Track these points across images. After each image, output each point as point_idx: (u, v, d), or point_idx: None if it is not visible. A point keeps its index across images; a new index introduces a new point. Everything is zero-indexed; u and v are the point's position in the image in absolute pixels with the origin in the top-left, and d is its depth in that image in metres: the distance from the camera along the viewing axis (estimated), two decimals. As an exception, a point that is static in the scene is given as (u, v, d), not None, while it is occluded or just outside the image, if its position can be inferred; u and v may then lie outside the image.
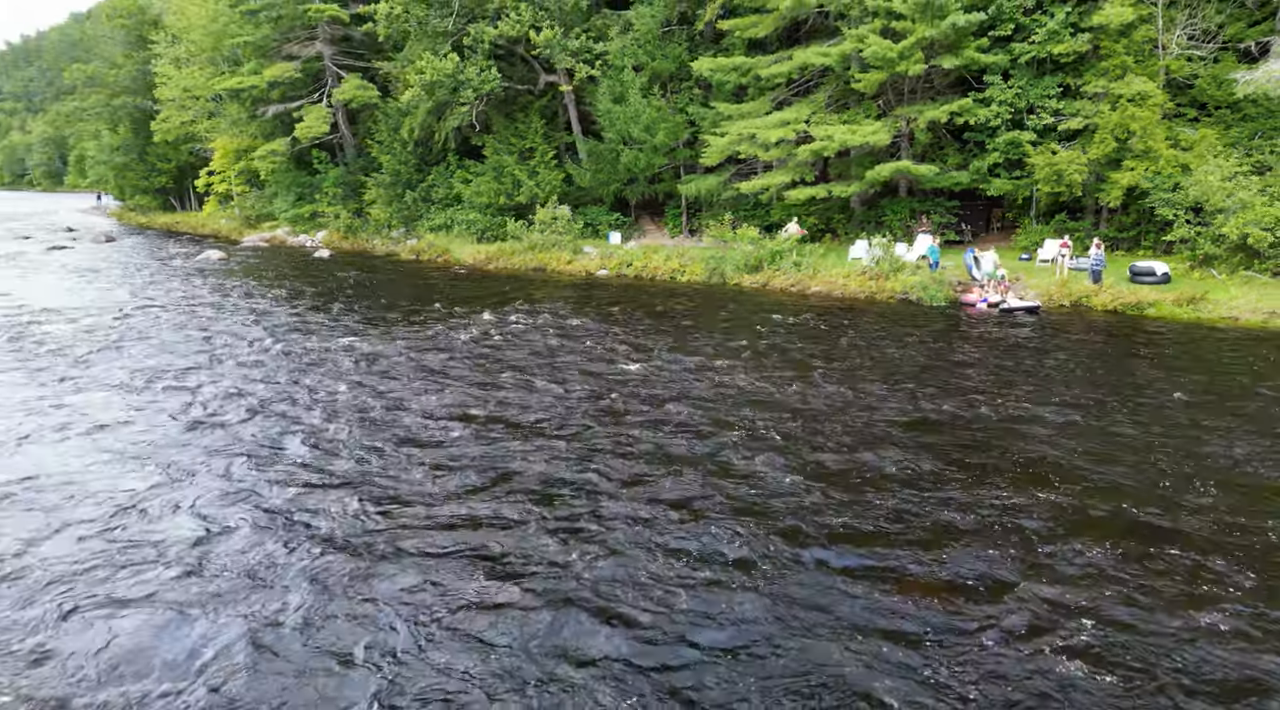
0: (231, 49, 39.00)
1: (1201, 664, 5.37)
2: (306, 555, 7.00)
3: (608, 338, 15.84)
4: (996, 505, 7.81)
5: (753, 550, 7.01)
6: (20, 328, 16.11)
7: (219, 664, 5.50)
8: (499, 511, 7.78)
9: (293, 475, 8.78)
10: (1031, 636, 5.69)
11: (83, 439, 9.79)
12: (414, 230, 33.84)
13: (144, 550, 7.10)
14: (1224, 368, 13.00)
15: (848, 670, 5.33)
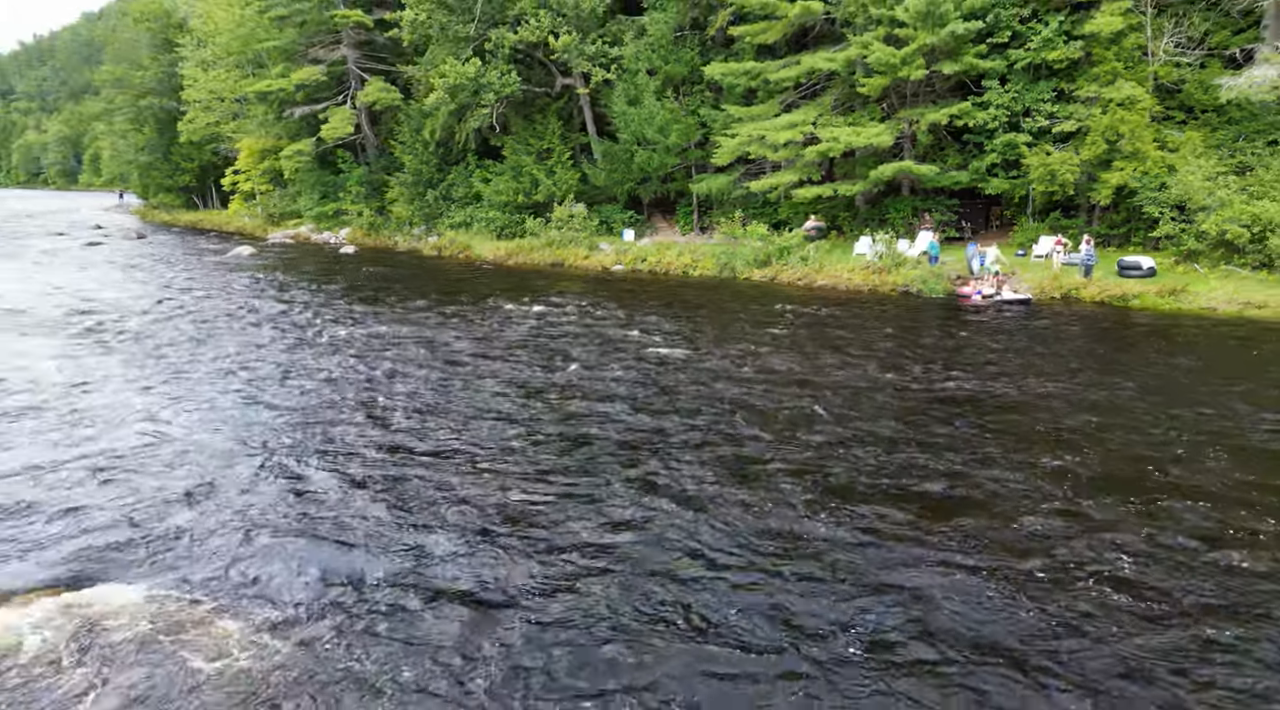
0: (256, 52, 40.46)
1: (1226, 591, 6.22)
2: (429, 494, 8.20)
3: (636, 325, 17.05)
4: (1031, 465, 8.75)
5: (830, 499, 7.91)
6: (94, 318, 17.38)
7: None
8: (590, 469, 8.73)
9: (406, 444, 10.01)
10: (1080, 566, 6.57)
11: (203, 413, 11.00)
12: (435, 227, 35.15)
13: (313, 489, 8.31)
14: (1203, 352, 14.17)
15: (928, 591, 6.25)
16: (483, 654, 5.52)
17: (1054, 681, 5.18)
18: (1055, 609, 5.98)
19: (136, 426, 10.21)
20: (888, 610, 6.01)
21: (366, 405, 11.29)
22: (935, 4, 21.68)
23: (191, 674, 5.24)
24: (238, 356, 14.23)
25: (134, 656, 5.44)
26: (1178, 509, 7.58)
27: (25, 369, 12.64)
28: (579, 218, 30.21)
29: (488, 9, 30.54)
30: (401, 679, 5.27)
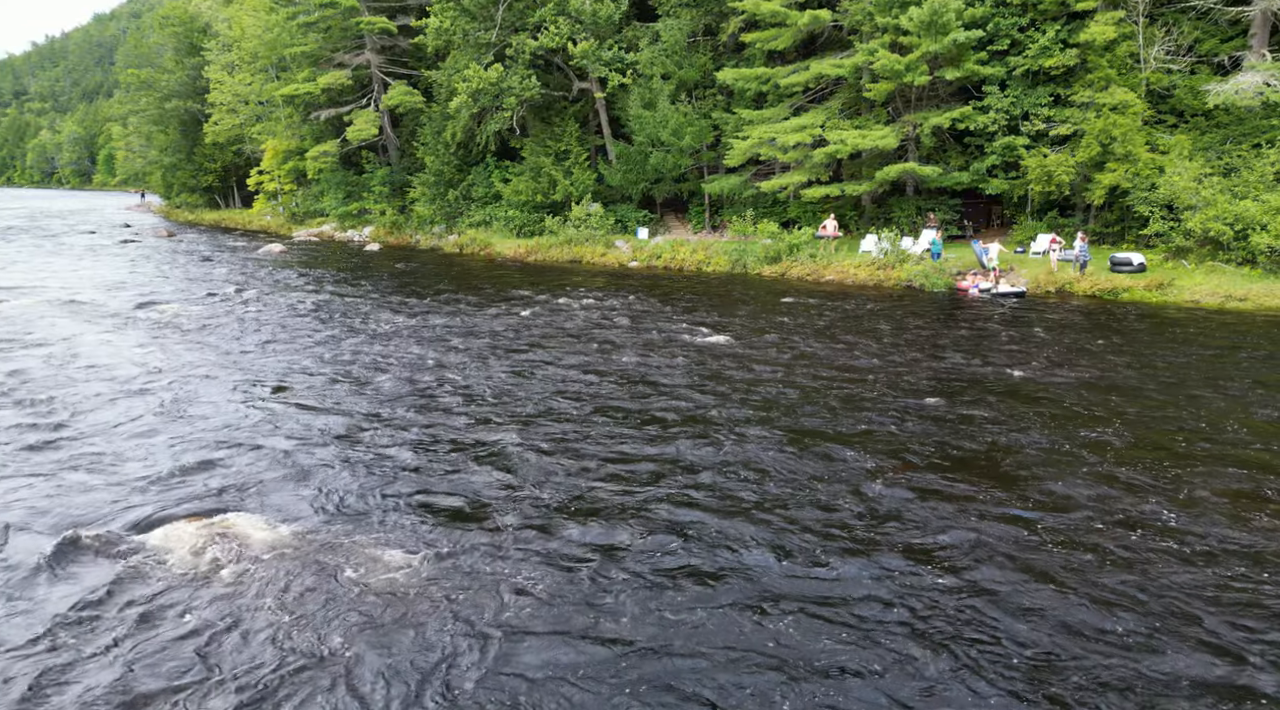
0: (280, 57, 41.87)
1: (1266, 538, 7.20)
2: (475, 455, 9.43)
3: (661, 316, 18.28)
4: (1065, 436, 9.71)
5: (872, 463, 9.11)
6: (158, 310, 18.62)
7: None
8: (664, 438, 9.78)
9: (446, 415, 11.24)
10: (1125, 515, 7.57)
11: (279, 396, 12.29)
12: (455, 226, 36.45)
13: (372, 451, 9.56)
14: (1191, 340, 15.34)
15: (986, 535, 7.23)
16: (602, 578, 6.65)
17: (1101, 605, 6.13)
18: (1103, 549, 6.95)
19: (238, 400, 11.51)
20: (955, 551, 6.97)
21: (440, 381, 12.46)
22: (938, 14, 22.87)
23: (304, 580, 6.47)
24: (307, 342, 15.50)
25: (259, 565, 6.68)
26: (1211, 470, 8.60)
27: (123, 358, 13.92)
28: (595, 217, 31.47)
29: (509, 16, 31.83)
30: (519, 591, 6.49)
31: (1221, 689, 5.19)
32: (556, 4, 31.02)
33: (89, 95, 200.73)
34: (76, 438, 9.78)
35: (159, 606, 6.14)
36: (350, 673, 5.37)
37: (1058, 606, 6.13)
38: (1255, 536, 7.17)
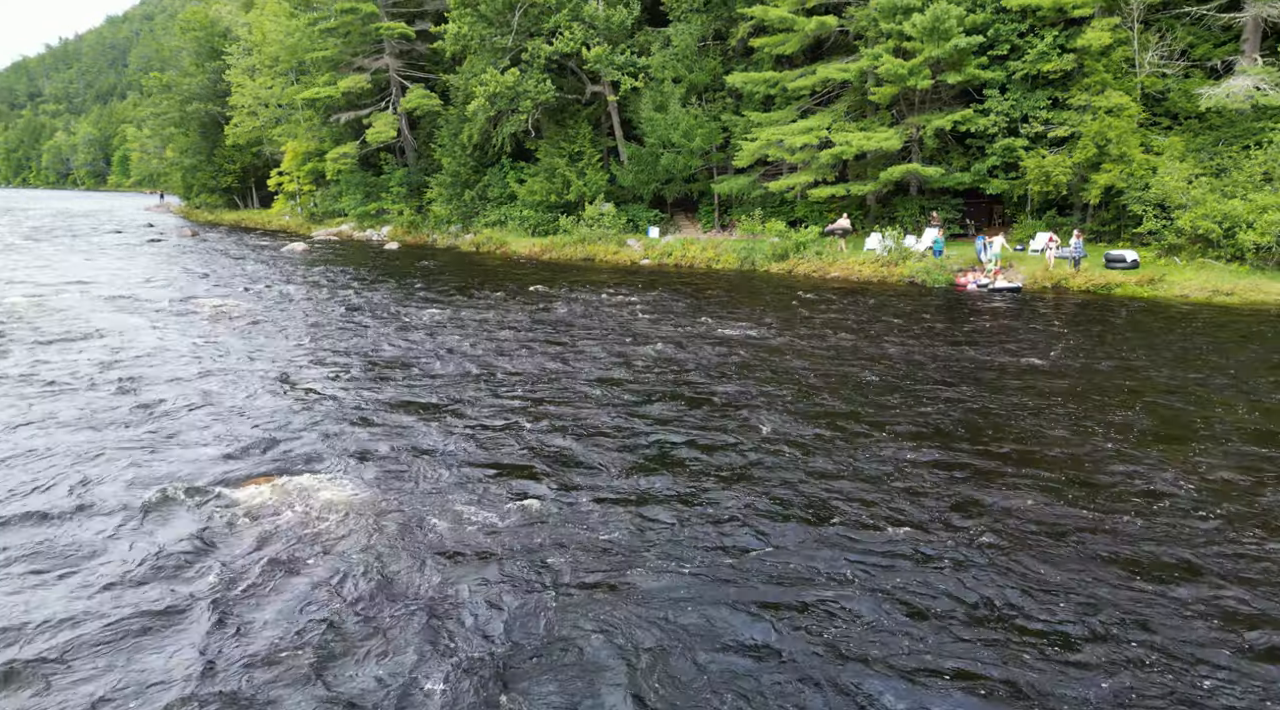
0: (299, 61, 43.04)
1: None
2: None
3: (678, 310, 19.27)
4: (1075, 415, 10.54)
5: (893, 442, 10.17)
6: (200, 304, 19.64)
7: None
8: (703, 420, 10.80)
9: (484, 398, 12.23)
10: (1144, 482, 8.54)
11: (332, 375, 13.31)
12: (471, 226, 37.50)
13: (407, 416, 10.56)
14: (1181, 331, 16.23)
15: (1018, 501, 8.01)
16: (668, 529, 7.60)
17: (1119, 558, 6.91)
18: (1123, 512, 7.72)
19: (294, 380, 12.55)
20: (985, 516, 7.72)
21: (478, 364, 13.45)
22: (939, 20, 23.77)
23: (360, 525, 7.45)
24: (349, 331, 16.54)
25: (321, 514, 7.67)
26: (1222, 444, 9.51)
27: (184, 346, 14.96)
28: (608, 216, 32.45)
29: (524, 22, 32.85)
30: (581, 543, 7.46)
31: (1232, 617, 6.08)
32: (571, 10, 32.02)
33: (103, 97, 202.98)
34: (160, 413, 10.82)
35: (239, 545, 7.13)
36: (405, 599, 6.36)
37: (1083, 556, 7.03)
38: (1225, 480, 8.12)
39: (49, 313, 18.09)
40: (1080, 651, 5.61)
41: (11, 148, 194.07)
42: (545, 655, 5.65)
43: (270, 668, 5.47)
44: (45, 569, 6.72)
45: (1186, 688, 5.22)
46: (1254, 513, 7.71)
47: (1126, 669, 5.42)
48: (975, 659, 5.56)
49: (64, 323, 16.95)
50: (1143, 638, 5.75)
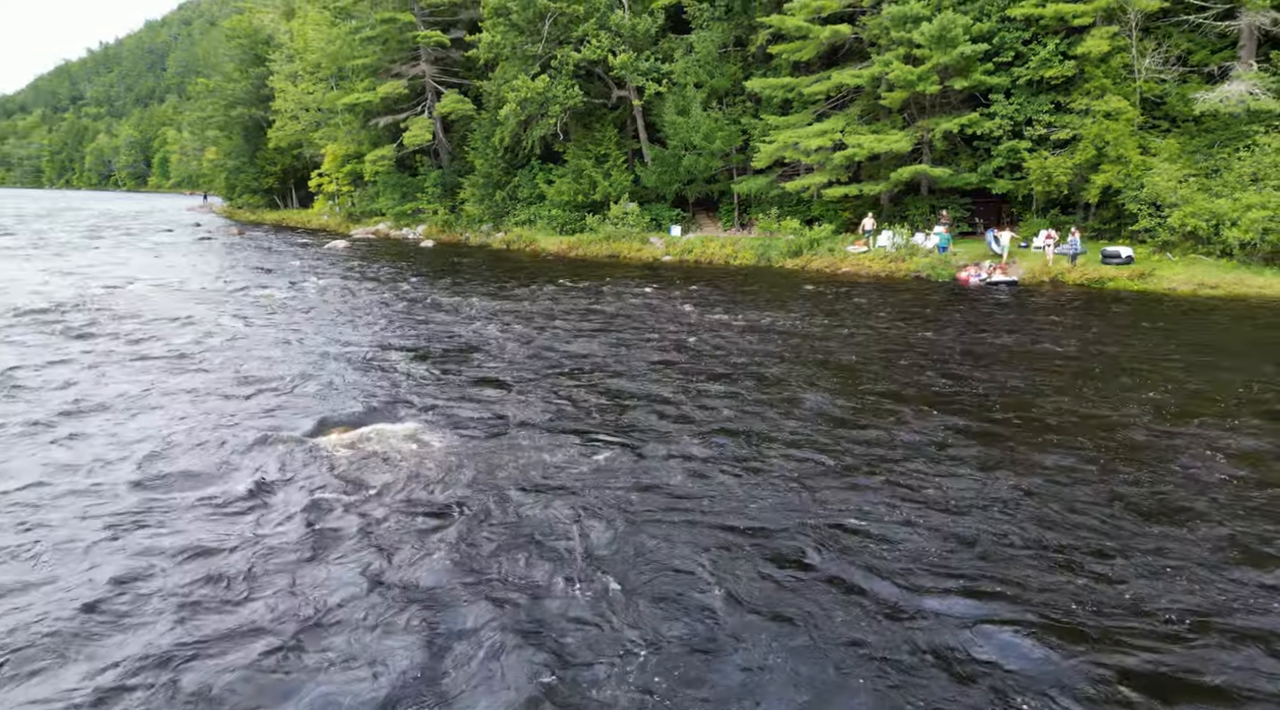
0: (339, 67, 45.26)
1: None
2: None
3: (696, 300, 20.88)
4: (1091, 392, 11.77)
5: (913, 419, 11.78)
6: (264, 295, 21.61)
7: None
8: (741, 395, 12.61)
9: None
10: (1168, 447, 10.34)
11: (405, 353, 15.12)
12: (502, 224, 39.37)
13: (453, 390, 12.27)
14: (1151, 318, 17.54)
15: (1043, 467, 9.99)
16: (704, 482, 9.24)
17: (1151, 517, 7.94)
18: (1151, 478, 8.77)
19: (361, 356, 14.35)
20: (1018, 487, 8.60)
21: (527, 344, 15.17)
22: (947, 29, 25.12)
23: (433, 469, 9.13)
24: (402, 317, 18.33)
25: (403, 460, 9.36)
26: (1244, 417, 10.89)
27: (257, 331, 16.83)
28: (632, 215, 34.12)
29: (554, 31, 34.61)
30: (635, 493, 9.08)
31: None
32: (598, 19, 33.73)
33: (143, 100, 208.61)
34: (259, 383, 12.59)
35: (328, 481, 8.83)
36: (475, 521, 8.03)
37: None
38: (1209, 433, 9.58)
39: (131, 302, 20.13)
40: (1104, 567, 6.83)
41: (56, 150, 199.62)
42: (643, 568, 6.83)
43: (409, 556, 7.10)
44: (216, 498, 8.36)
45: (1200, 596, 6.38)
46: (1238, 453, 9.18)
47: (1143, 579, 6.58)
48: (1007, 573, 6.73)
49: (148, 311, 18.93)
50: (1155, 558, 6.94)
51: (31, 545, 7.16)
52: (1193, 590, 6.39)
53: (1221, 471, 8.76)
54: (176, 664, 5.54)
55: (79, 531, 7.42)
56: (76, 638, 5.83)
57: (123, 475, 8.80)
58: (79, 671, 5.47)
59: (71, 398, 11.46)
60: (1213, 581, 6.52)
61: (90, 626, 5.97)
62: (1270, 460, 9.13)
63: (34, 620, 6.04)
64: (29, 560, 6.94)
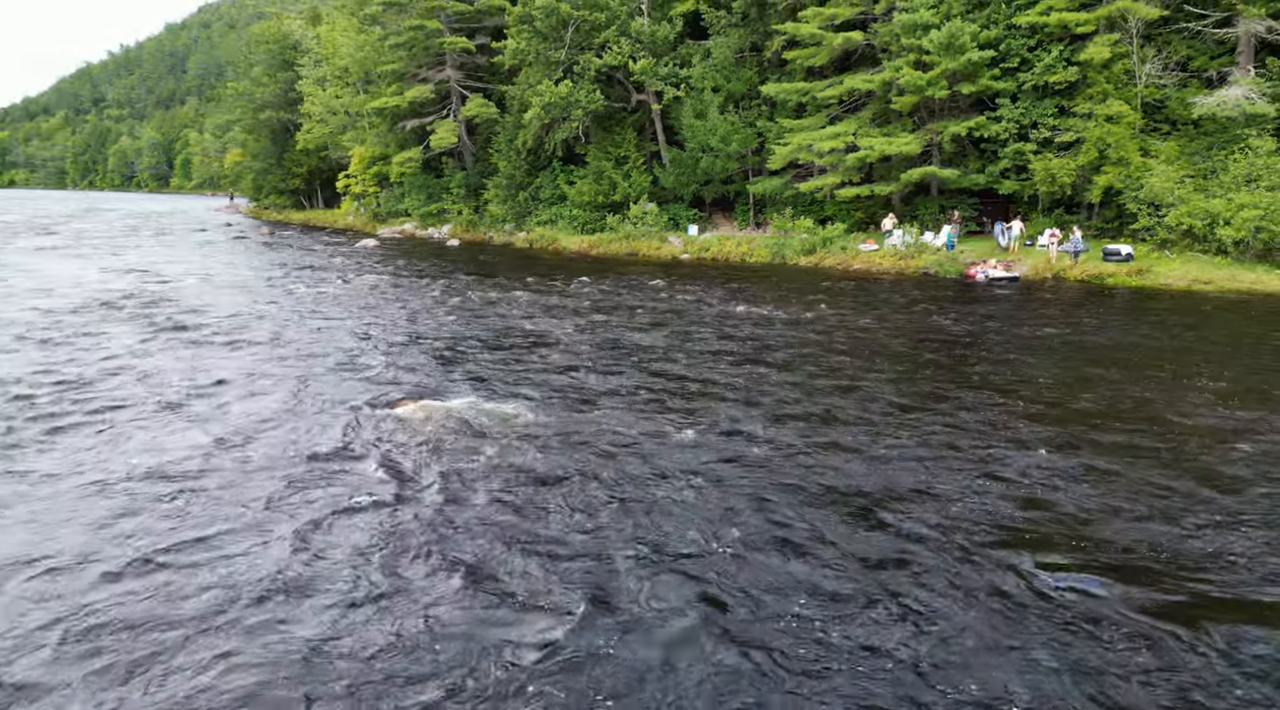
0: (366, 72, 46.82)
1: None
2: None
3: (714, 295, 22.14)
4: (1055, 373, 13.24)
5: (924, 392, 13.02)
6: (308, 288, 23.12)
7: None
8: (764, 378, 13.92)
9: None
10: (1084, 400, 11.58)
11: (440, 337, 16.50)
12: (524, 224, 40.77)
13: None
14: (1145, 311, 18.66)
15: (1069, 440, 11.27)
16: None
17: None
18: (1138, 431, 10.70)
19: (414, 337, 15.75)
20: (1051, 464, 9.59)
21: (569, 337, 16.54)
22: (955, 37, 26.28)
23: (492, 439, 10.42)
24: (441, 306, 19.72)
25: (463, 428, 10.68)
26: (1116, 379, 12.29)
27: (314, 317, 18.28)
28: (651, 215, 35.42)
29: (576, 38, 35.97)
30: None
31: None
32: (619, 27, 35.06)
33: (163, 102, 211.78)
34: (325, 360, 14.06)
35: (400, 445, 10.17)
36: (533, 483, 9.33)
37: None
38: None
39: (186, 296, 21.61)
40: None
41: (79, 151, 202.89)
42: (756, 524, 7.87)
43: (492, 515, 8.43)
44: (307, 456, 9.74)
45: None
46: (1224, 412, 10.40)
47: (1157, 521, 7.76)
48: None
49: (215, 303, 20.38)
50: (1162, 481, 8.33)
51: (213, 506, 8.20)
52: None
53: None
54: (390, 596, 6.44)
55: (257, 493, 8.49)
56: (296, 577, 6.73)
57: (265, 450, 9.88)
58: (322, 600, 6.38)
59: (187, 381, 12.71)
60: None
61: (301, 572, 6.80)
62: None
63: (256, 563, 6.99)
64: (217, 521, 7.90)
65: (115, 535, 7.46)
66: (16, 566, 6.88)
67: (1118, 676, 5.37)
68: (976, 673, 5.41)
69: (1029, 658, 5.58)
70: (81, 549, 7.18)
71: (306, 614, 6.17)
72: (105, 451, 9.67)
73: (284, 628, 6.00)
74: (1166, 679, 5.35)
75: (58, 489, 8.54)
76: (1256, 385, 12.29)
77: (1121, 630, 5.87)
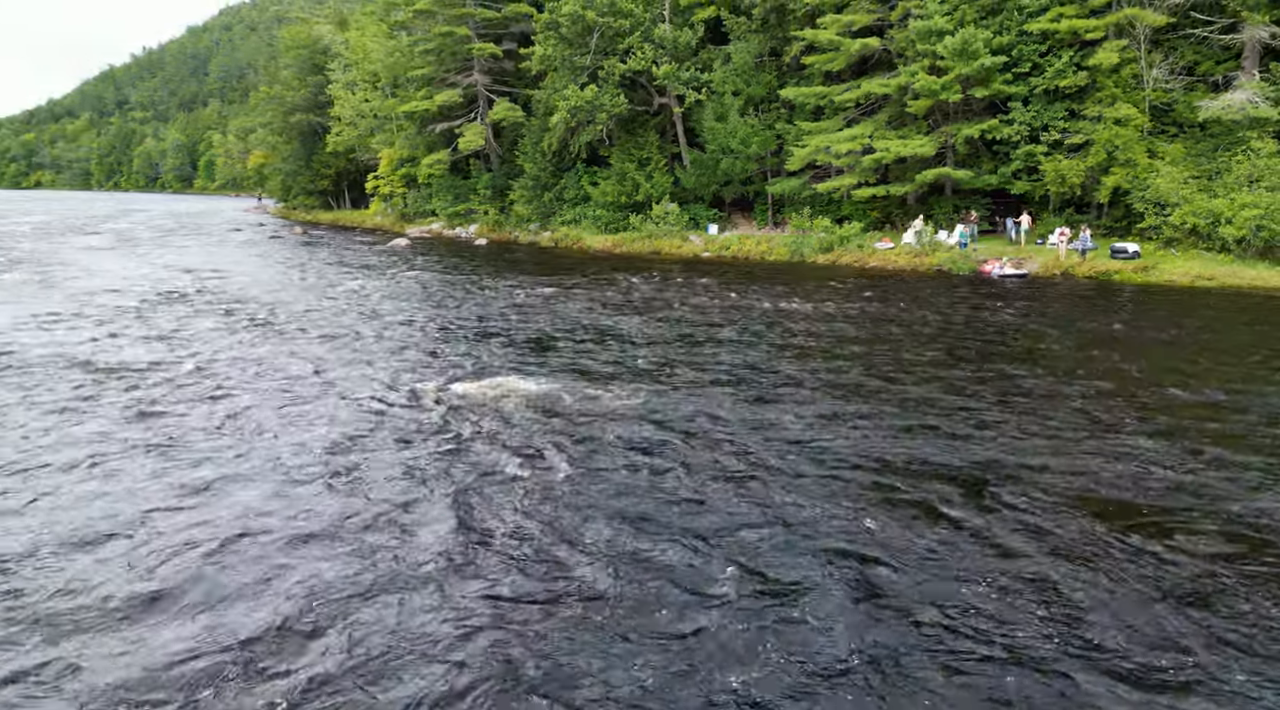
0: (395, 76, 48.33)
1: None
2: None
3: (735, 289, 23.33)
4: (1071, 360, 14.77)
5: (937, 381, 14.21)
6: (352, 282, 24.55)
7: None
8: (796, 368, 15.13)
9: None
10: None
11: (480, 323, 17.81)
12: (549, 224, 42.09)
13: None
14: (1149, 304, 19.68)
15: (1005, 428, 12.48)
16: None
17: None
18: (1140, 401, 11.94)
19: (464, 322, 17.07)
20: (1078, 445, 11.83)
21: (603, 327, 17.78)
22: (968, 43, 27.32)
23: (549, 412, 11.65)
24: (478, 299, 21.07)
25: (528, 404, 11.93)
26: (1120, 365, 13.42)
27: (367, 309, 19.68)
28: (672, 215, 36.62)
29: (601, 43, 37.25)
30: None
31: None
32: (642, 33, 36.30)
33: (186, 104, 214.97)
34: (388, 345, 15.41)
35: (465, 418, 11.44)
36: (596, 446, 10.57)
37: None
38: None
39: (233, 290, 23.06)
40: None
41: (104, 153, 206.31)
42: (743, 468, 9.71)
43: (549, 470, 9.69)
44: (377, 430, 11.06)
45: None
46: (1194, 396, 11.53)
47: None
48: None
49: (268, 297, 21.83)
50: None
51: (314, 467, 9.48)
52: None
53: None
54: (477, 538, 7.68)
55: (356, 460, 9.81)
56: (412, 516, 8.06)
57: (330, 413, 11.44)
58: (426, 537, 7.65)
59: (296, 371, 13.90)
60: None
61: (402, 513, 8.14)
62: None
63: (372, 496, 8.46)
64: (319, 481, 9.20)
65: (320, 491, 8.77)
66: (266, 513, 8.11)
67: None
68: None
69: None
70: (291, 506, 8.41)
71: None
72: (269, 427, 10.90)
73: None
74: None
75: (263, 460, 9.83)
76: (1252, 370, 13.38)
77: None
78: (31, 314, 18.53)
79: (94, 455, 9.65)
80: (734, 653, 5.74)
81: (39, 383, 12.78)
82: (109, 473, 9.14)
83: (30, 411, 11.30)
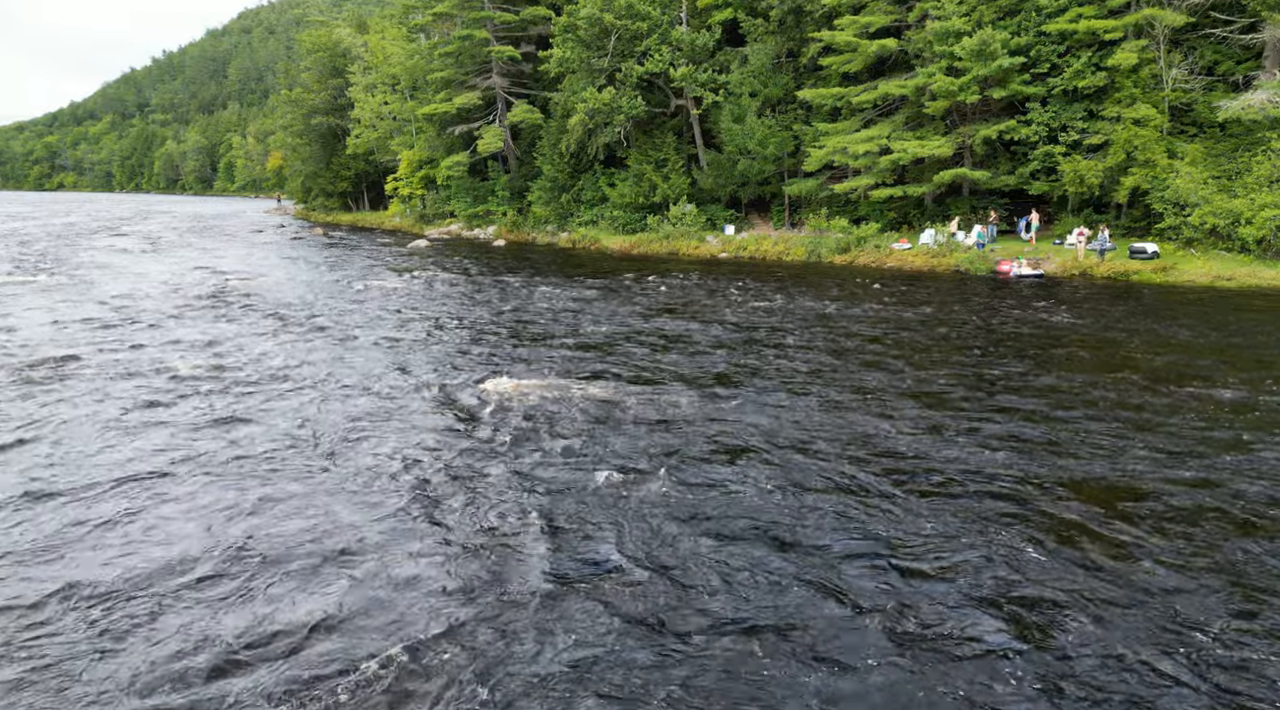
0: (414, 79, 48.87)
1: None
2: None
3: (752, 289, 23.60)
4: (1089, 360, 14.99)
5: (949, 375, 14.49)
6: (379, 283, 25.01)
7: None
8: (830, 364, 15.44)
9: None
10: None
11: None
12: (566, 225, 42.47)
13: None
14: (1167, 305, 19.75)
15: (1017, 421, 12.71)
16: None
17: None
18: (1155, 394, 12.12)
19: (495, 319, 17.45)
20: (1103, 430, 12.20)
21: (628, 326, 18.12)
22: (986, 44, 27.42)
23: (607, 407, 11.98)
24: (499, 299, 21.47)
25: (581, 401, 12.25)
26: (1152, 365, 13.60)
27: (397, 307, 20.11)
28: (689, 216, 36.90)
29: (619, 45, 37.57)
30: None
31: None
32: (659, 35, 36.59)
33: (206, 107, 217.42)
34: (419, 342, 15.81)
35: (497, 410, 11.78)
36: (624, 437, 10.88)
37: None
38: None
39: (268, 291, 23.56)
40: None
41: (126, 155, 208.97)
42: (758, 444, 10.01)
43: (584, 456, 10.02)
44: (420, 426, 11.45)
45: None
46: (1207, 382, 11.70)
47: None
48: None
49: (298, 297, 22.30)
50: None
51: (371, 454, 10.04)
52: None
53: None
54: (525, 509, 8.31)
55: (412, 452, 10.30)
56: (458, 492, 8.71)
57: (382, 405, 11.84)
58: (468, 513, 8.25)
59: (308, 367, 14.42)
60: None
61: (457, 492, 8.80)
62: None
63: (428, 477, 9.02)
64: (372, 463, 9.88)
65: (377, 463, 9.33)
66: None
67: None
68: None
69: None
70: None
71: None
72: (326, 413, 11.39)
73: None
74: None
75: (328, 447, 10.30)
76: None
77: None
78: (78, 318, 18.97)
79: (176, 470, 9.49)
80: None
81: (107, 393, 12.61)
82: (193, 490, 8.94)
83: (101, 424, 11.14)
